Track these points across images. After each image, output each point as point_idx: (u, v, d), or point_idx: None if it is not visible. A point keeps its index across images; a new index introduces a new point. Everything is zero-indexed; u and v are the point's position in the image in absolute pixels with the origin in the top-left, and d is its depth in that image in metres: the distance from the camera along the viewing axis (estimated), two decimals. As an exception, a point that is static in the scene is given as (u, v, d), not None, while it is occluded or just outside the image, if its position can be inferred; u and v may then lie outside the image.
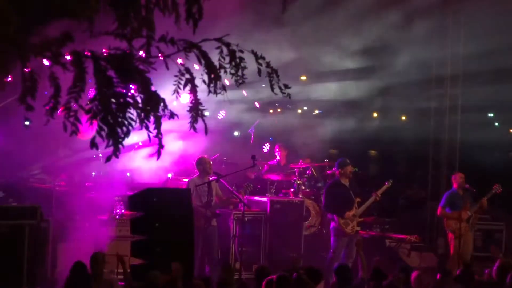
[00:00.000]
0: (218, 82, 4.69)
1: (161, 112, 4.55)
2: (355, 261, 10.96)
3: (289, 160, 14.79)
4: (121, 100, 4.37)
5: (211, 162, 12.21)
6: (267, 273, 8.49)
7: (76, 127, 4.32)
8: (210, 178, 11.86)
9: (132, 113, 4.44)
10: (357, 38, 14.02)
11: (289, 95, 5.01)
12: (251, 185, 12.62)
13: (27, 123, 9.75)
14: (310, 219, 13.95)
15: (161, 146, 4.58)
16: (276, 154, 14.82)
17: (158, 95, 4.52)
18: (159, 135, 4.54)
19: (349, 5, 13.23)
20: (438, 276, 8.95)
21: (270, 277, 7.95)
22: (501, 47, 13.91)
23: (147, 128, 4.48)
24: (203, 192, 11.59)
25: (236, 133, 16.33)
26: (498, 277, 8.94)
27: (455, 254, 12.74)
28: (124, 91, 4.40)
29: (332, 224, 12.20)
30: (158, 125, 4.52)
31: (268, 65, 4.84)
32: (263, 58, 4.84)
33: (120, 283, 10.69)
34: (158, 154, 4.60)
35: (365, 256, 9.52)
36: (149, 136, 4.55)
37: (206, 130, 4.76)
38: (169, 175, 13.91)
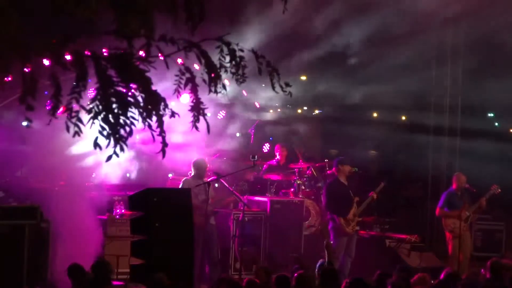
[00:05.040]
0: (218, 81, 4.69)
1: (162, 111, 4.55)
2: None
3: (288, 160, 14.77)
4: (122, 99, 4.37)
5: (208, 166, 12.16)
6: (267, 273, 8.47)
7: (79, 127, 4.32)
8: (210, 178, 11.84)
9: (135, 112, 4.44)
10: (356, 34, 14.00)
11: (290, 93, 5.01)
12: (246, 184, 12.64)
13: (26, 123, 9.74)
14: (310, 219, 13.93)
15: (165, 144, 4.58)
16: (277, 154, 14.80)
17: (158, 95, 4.52)
18: (162, 133, 4.55)
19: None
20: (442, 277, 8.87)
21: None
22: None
23: (150, 127, 4.49)
24: (200, 191, 11.52)
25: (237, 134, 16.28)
26: (492, 276, 8.89)
27: (454, 254, 12.73)
28: (125, 90, 4.40)
29: (331, 224, 12.18)
30: (160, 124, 4.53)
31: (268, 64, 4.84)
32: (263, 57, 4.84)
33: (120, 283, 10.72)
34: (163, 152, 4.60)
35: (365, 256, 9.47)
36: (152, 135, 4.55)
37: (208, 129, 4.76)
38: (170, 175, 13.88)
